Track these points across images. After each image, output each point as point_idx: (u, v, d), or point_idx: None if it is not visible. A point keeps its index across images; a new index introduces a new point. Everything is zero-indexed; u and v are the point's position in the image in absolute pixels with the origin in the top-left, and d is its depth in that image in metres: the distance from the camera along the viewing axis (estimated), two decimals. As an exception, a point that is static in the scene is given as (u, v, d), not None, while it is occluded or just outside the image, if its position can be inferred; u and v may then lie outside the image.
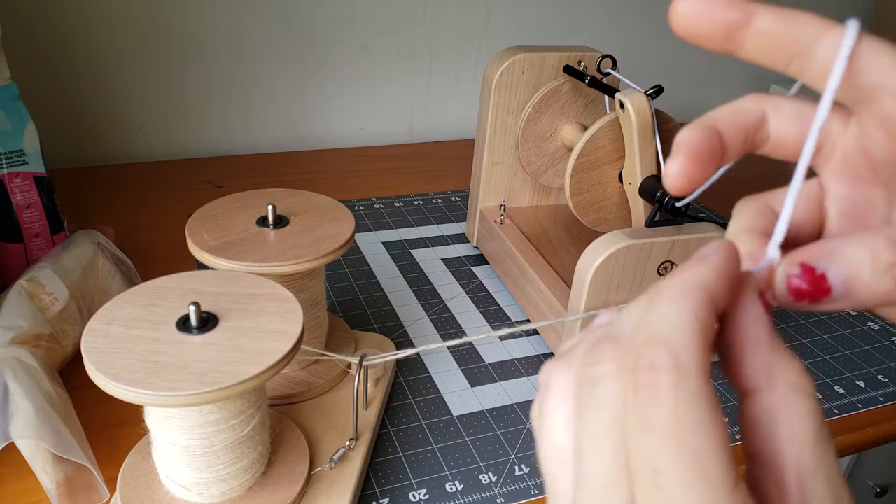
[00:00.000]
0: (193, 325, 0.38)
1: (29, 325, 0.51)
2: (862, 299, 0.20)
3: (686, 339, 0.17)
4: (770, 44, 0.21)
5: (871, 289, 0.20)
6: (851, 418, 0.59)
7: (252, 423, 0.41)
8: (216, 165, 0.95)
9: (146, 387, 0.34)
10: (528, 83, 0.69)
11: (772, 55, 0.22)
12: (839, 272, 0.20)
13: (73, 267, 0.57)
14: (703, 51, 0.91)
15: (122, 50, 0.90)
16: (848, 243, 0.20)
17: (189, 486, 0.41)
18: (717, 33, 0.22)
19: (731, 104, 0.23)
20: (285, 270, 0.46)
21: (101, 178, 0.89)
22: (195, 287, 0.41)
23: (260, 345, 0.37)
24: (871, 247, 0.20)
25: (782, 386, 0.19)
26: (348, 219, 0.51)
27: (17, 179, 0.59)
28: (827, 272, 0.20)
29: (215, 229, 0.49)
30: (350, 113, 1.06)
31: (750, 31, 0.21)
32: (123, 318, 0.39)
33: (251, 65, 0.97)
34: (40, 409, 0.45)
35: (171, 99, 0.95)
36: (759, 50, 0.22)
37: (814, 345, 0.68)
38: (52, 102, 0.89)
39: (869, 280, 0.20)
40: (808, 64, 0.21)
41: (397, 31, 1.02)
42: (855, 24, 0.20)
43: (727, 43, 0.22)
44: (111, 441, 0.50)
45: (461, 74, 1.09)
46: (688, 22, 0.22)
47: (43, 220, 0.61)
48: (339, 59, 1.01)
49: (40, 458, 0.44)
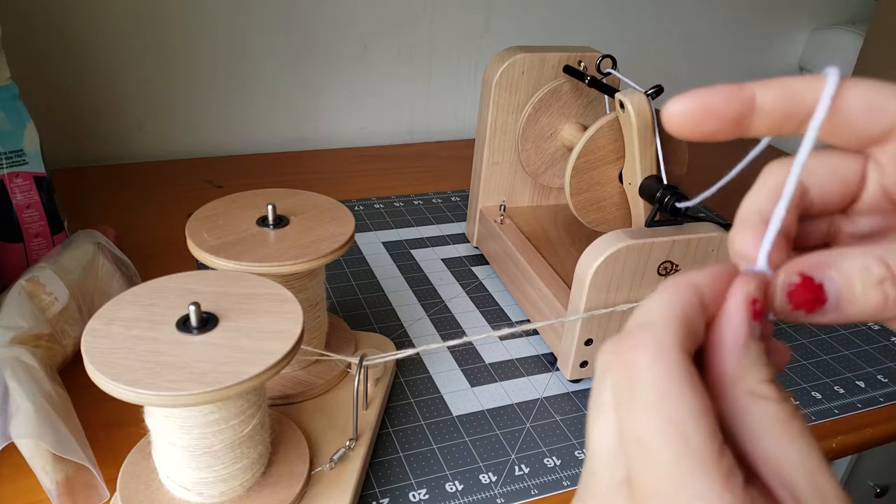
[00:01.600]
0: (193, 325, 0.38)
1: (29, 325, 0.51)
2: (852, 313, 0.20)
3: (667, 323, 0.19)
4: (779, 118, 0.21)
5: (860, 302, 0.20)
6: (851, 418, 0.59)
7: (252, 424, 0.41)
8: (216, 165, 0.95)
9: (146, 387, 0.34)
10: (528, 83, 0.69)
11: (783, 127, 0.22)
12: (833, 283, 0.20)
13: (73, 267, 0.57)
14: (704, 50, 0.92)
15: (123, 50, 0.90)
16: (844, 256, 0.20)
17: (189, 486, 0.41)
18: (727, 128, 0.21)
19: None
20: (285, 270, 0.46)
21: (101, 177, 0.89)
22: (195, 287, 0.41)
23: (260, 345, 0.37)
24: (863, 261, 0.20)
25: (742, 392, 0.19)
26: (348, 219, 0.51)
27: (17, 179, 0.59)
28: (824, 282, 0.20)
29: (215, 229, 0.49)
30: (350, 113, 1.06)
31: (756, 114, 0.21)
32: (123, 319, 0.39)
33: (251, 64, 0.97)
34: (40, 409, 0.45)
35: (171, 98, 0.95)
36: (769, 127, 0.22)
37: (814, 344, 0.68)
38: (52, 102, 0.89)
39: (860, 293, 0.20)
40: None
41: (398, 30, 1.02)
42: (835, 71, 0.21)
43: (736, 133, 0.22)
44: (111, 441, 0.50)
45: (461, 74, 1.09)
46: (691, 123, 0.21)
47: (43, 220, 0.61)
48: (339, 58, 1.01)
49: (40, 458, 0.44)
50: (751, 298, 0.20)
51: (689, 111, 0.21)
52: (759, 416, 0.19)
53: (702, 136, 0.22)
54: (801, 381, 0.63)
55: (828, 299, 0.20)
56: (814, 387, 0.62)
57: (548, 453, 0.53)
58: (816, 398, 0.61)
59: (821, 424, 0.58)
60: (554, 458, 0.53)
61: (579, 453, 0.53)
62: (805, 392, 0.62)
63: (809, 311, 0.20)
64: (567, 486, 0.51)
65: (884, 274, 0.20)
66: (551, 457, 0.53)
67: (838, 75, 0.21)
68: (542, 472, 0.51)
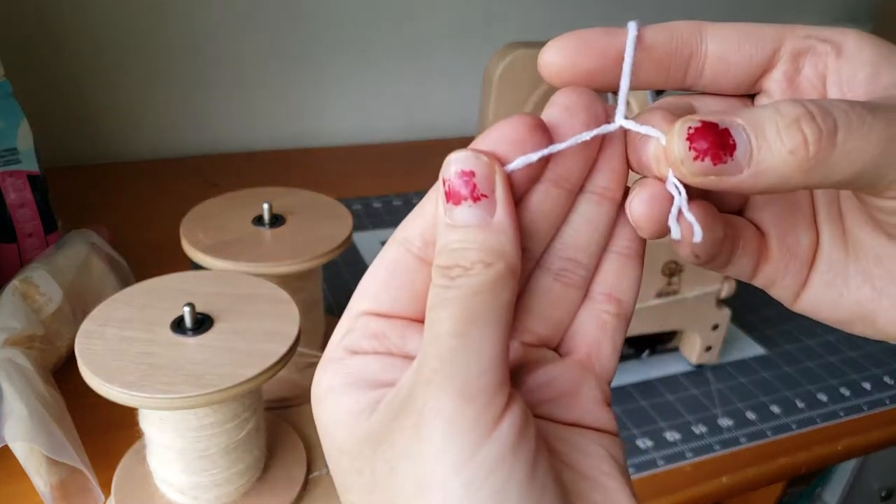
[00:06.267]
0: (188, 327, 0.38)
1: (22, 326, 0.50)
2: (769, 165, 0.17)
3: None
4: (666, 60, 0.21)
5: (776, 148, 0.17)
6: (857, 421, 0.59)
7: (248, 427, 0.40)
8: (212, 164, 0.94)
9: (140, 389, 0.34)
10: (530, 80, 0.69)
11: (670, 72, 0.21)
12: (740, 129, 0.18)
13: (67, 267, 0.56)
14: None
15: (118, 47, 0.89)
16: (749, 108, 0.18)
17: (184, 491, 0.41)
18: (608, 66, 0.21)
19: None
20: (281, 271, 0.46)
21: (95, 176, 0.88)
22: (190, 288, 0.41)
23: (256, 347, 0.37)
24: (773, 105, 0.18)
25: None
26: (346, 218, 0.51)
27: (10, 178, 0.58)
28: (730, 128, 0.18)
29: (210, 229, 0.48)
30: (348, 110, 1.05)
31: (645, 55, 0.21)
32: (117, 320, 0.38)
33: (247, 61, 0.96)
34: (34, 412, 0.44)
35: (165, 96, 0.94)
36: (657, 71, 0.21)
37: (819, 346, 0.67)
38: (45, 100, 0.89)
39: (773, 137, 0.17)
40: (697, 62, 0.21)
41: (396, 27, 1.02)
42: (633, 24, 0.21)
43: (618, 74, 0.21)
44: (106, 444, 0.49)
45: (461, 71, 1.08)
46: (570, 61, 0.21)
47: (36, 220, 0.60)
48: (336, 54, 1.00)
49: (34, 461, 0.44)
50: (458, 172, 0.18)
51: (566, 45, 0.21)
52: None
53: (583, 78, 0.21)
54: (806, 383, 0.62)
55: (736, 146, 0.17)
56: (819, 389, 0.62)
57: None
58: (822, 400, 0.60)
59: (827, 427, 0.58)
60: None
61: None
62: (810, 394, 0.61)
63: (716, 160, 0.18)
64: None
65: (799, 111, 0.17)
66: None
67: (636, 26, 0.21)
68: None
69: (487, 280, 0.17)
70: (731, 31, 0.21)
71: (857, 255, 0.22)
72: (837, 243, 0.22)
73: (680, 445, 0.54)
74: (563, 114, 0.20)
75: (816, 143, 0.17)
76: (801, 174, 0.17)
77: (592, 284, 0.22)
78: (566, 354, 0.22)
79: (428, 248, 0.20)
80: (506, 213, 0.18)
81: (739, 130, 0.18)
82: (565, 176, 0.20)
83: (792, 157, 0.17)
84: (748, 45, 0.21)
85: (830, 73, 0.21)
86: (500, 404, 0.17)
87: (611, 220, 0.21)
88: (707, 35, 0.21)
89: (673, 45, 0.21)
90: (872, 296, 0.22)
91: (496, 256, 0.18)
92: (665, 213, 0.19)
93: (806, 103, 0.17)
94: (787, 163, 0.17)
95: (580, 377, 0.21)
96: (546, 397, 0.21)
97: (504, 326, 0.18)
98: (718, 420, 0.57)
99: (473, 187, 0.18)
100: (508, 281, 0.18)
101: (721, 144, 0.17)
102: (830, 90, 0.21)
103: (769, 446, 0.55)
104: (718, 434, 0.56)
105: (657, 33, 0.21)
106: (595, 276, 0.22)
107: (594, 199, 0.21)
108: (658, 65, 0.21)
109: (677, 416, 0.57)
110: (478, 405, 0.17)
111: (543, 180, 0.20)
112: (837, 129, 0.17)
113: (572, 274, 0.21)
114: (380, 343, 0.20)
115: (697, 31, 0.21)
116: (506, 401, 0.17)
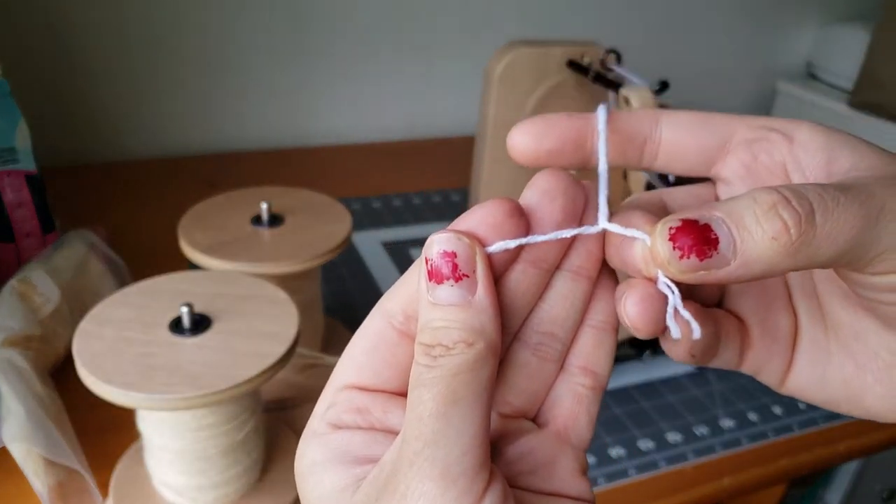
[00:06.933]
0: (186, 327, 0.37)
1: (20, 327, 0.50)
2: (754, 255, 0.18)
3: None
4: (622, 141, 0.22)
5: (758, 237, 0.18)
6: (859, 423, 0.58)
7: (246, 429, 0.40)
8: (210, 163, 0.94)
9: (138, 390, 0.34)
10: (531, 78, 0.68)
11: (626, 152, 0.22)
12: (720, 223, 0.18)
13: (65, 267, 0.56)
14: (709, 46, 0.91)
15: (115, 47, 0.89)
16: (725, 200, 0.19)
17: (182, 492, 0.41)
18: (569, 149, 0.22)
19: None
20: (280, 271, 0.45)
21: (93, 176, 0.88)
22: (188, 288, 0.41)
23: (254, 347, 0.37)
24: (749, 194, 0.18)
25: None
26: (345, 218, 0.51)
27: (8, 178, 0.58)
28: (710, 223, 0.18)
29: (209, 229, 0.48)
30: (348, 108, 1.05)
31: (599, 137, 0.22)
32: (115, 320, 0.38)
33: (246, 59, 0.96)
34: (32, 413, 0.44)
35: (163, 96, 0.94)
36: (614, 152, 0.22)
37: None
38: (43, 100, 0.88)
39: (754, 226, 0.18)
40: (652, 147, 0.22)
41: (397, 25, 1.01)
42: (603, 108, 0.22)
43: (579, 154, 0.22)
44: (104, 445, 0.49)
45: (462, 69, 1.08)
46: (534, 141, 0.22)
47: (34, 220, 0.60)
48: (336, 52, 1.00)
49: (32, 462, 0.43)
50: (440, 252, 0.19)
51: (532, 129, 0.22)
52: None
53: (545, 157, 0.22)
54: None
55: (720, 240, 0.18)
56: (820, 388, 0.62)
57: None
58: (823, 400, 0.60)
59: (829, 428, 0.57)
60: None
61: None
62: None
63: (701, 255, 0.18)
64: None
65: (774, 197, 0.18)
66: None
67: (606, 109, 0.22)
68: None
69: (469, 360, 0.18)
70: (686, 119, 0.22)
71: (837, 333, 0.22)
72: (816, 322, 0.23)
73: (681, 446, 0.54)
74: (541, 198, 0.20)
75: (797, 227, 0.17)
76: (787, 258, 0.18)
77: (569, 357, 0.22)
78: (543, 425, 0.22)
79: (409, 323, 0.20)
80: (486, 292, 0.19)
81: (720, 223, 0.18)
82: (542, 258, 0.20)
83: (776, 242, 0.17)
84: (702, 132, 0.22)
85: (788, 162, 0.21)
86: (481, 484, 0.18)
87: (586, 296, 0.22)
88: (663, 122, 0.22)
89: (629, 131, 0.22)
90: (856, 372, 0.22)
91: (477, 336, 0.18)
92: (658, 311, 0.20)
93: (780, 189, 0.18)
94: (771, 249, 0.18)
95: (558, 448, 0.22)
96: (525, 469, 0.21)
97: (485, 405, 0.18)
98: (720, 421, 0.57)
99: (455, 267, 0.19)
100: (489, 360, 0.18)
101: (704, 240, 0.18)
102: (793, 177, 0.21)
103: (771, 447, 0.55)
104: (720, 435, 0.55)
105: (616, 120, 0.22)
106: (571, 349, 0.22)
107: (570, 277, 0.21)
108: (615, 147, 0.22)
109: (679, 417, 0.57)
110: (460, 487, 0.17)
111: (521, 261, 0.20)
112: (815, 212, 0.18)
113: (549, 348, 0.22)
114: (362, 418, 0.20)
115: (655, 118, 0.22)
116: (487, 480, 0.18)
